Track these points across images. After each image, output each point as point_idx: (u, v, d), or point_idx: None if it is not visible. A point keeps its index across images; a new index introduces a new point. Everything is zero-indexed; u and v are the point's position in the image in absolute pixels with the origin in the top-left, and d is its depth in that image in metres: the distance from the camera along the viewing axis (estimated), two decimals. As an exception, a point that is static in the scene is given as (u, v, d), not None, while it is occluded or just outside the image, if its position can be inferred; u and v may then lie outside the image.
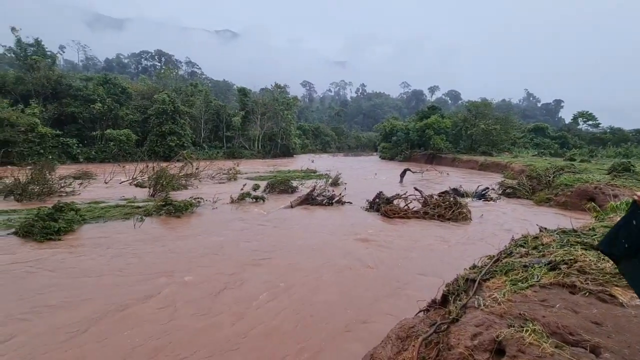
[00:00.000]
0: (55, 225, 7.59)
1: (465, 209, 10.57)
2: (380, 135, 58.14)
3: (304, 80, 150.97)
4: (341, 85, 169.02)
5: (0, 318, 4.37)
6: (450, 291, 3.05)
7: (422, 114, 49.03)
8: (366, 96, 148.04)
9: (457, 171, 30.82)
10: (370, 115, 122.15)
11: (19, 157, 26.92)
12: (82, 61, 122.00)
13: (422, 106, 75.34)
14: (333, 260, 6.79)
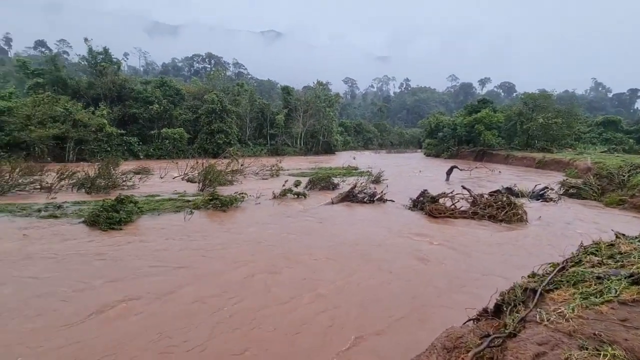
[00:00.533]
0: (117, 216, 8.31)
1: (520, 210, 9.71)
2: (425, 131, 55.83)
3: (346, 77, 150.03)
4: (384, 80, 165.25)
5: (139, 293, 4.96)
6: (506, 301, 2.76)
7: (472, 108, 46.13)
8: (410, 91, 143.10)
9: (510, 169, 28.60)
10: (415, 110, 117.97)
11: (90, 154, 30.06)
12: (143, 66, 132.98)
13: (471, 100, 70.88)
14: (386, 257, 6.61)
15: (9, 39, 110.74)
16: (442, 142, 46.51)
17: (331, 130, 54.31)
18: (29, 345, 3.79)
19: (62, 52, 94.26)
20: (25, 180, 13.16)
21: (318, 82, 55.23)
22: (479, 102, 47.66)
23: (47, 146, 28.79)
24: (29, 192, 12.80)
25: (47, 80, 35.78)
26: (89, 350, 3.75)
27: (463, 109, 51.77)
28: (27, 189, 12.90)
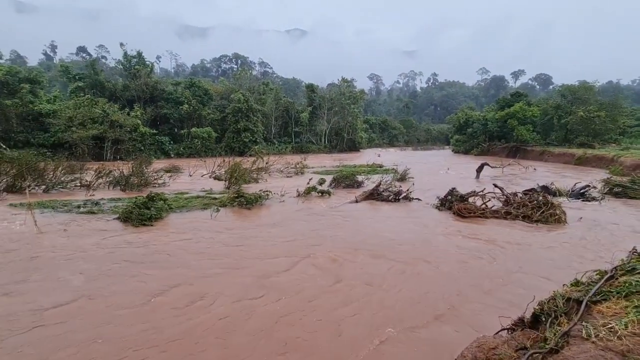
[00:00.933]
0: (148, 213, 8.65)
1: (558, 210, 9.09)
2: (454, 127, 53.96)
3: (371, 73, 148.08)
4: (410, 75, 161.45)
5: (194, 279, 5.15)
6: (545, 311, 2.53)
7: (504, 102, 43.96)
8: (438, 86, 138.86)
9: (546, 166, 27.00)
10: (442, 106, 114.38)
11: (126, 153, 31.67)
12: (174, 68, 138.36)
13: (504, 94, 67.53)
14: (416, 255, 6.42)
15: (54, 46, 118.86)
16: (471, 138, 44.76)
17: (355, 127, 53.85)
18: (108, 326, 4.10)
19: (101, 56, 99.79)
20: (67, 178, 14.04)
21: (342, 79, 54.85)
22: (512, 95, 45.33)
23: (87, 146, 30.61)
24: (70, 189, 13.65)
25: (87, 84, 38.05)
26: (159, 332, 4.02)
27: (494, 103, 49.48)
28: (68, 186, 13.77)
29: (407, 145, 72.13)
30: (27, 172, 12.47)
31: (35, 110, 31.07)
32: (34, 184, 12.86)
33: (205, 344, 3.82)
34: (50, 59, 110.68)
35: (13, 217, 8.94)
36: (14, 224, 8.35)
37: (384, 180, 12.98)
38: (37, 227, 7.90)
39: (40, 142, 30.47)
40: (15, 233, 7.66)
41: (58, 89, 48.88)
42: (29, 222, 8.03)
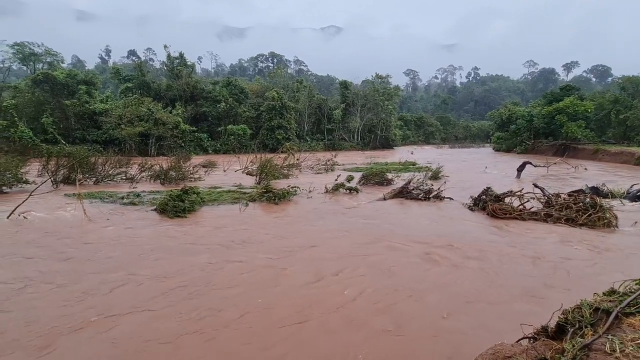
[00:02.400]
0: (182, 205, 9.13)
1: (608, 214, 8.28)
2: (495, 123, 51.02)
3: (408, 69, 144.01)
4: (449, 70, 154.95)
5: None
6: (570, 321, 2.33)
7: (552, 97, 40.69)
8: (479, 80, 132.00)
9: (599, 166, 24.69)
10: (484, 101, 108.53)
11: (168, 149, 33.62)
12: (214, 68, 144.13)
13: (553, 87, 62.55)
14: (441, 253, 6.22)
15: (108, 51, 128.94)
16: (514, 135, 42.03)
17: (389, 124, 52.81)
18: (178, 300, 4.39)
19: (148, 59, 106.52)
20: (115, 172, 15.21)
21: (377, 75, 53.92)
22: (561, 89, 41.83)
23: (134, 142, 32.89)
24: (117, 182, 14.78)
25: (135, 85, 40.83)
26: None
27: (542, 97, 45.99)
28: (115, 179, 14.91)
29: (444, 142, 69.44)
30: (79, 165, 13.65)
31: (90, 110, 33.93)
32: (86, 176, 14.07)
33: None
34: (105, 62, 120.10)
35: (66, 205, 9.86)
36: (67, 212, 9.21)
37: (414, 178, 12.61)
38: (86, 216, 8.65)
39: (94, 139, 33.27)
40: (68, 220, 8.45)
41: (111, 89, 53.04)
42: (80, 211, 8.83)
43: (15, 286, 4.88)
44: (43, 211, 9.10)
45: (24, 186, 12.11)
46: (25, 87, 34.06)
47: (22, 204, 8.67)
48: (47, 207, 9.62)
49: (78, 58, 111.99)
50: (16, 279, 5.12)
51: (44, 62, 42.63)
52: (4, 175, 11.71)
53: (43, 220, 8.39)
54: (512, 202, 9.42)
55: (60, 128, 32.59)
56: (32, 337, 3.70)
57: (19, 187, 12.08)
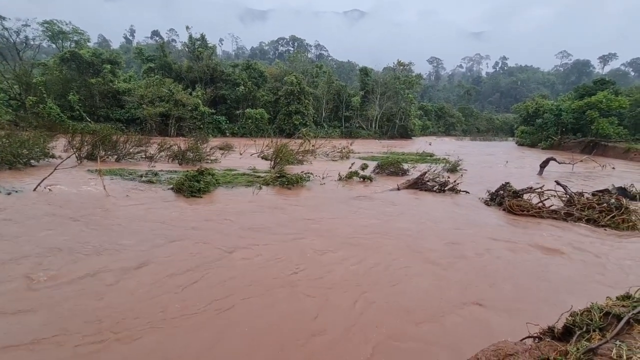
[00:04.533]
0: (197, 185, 9.32)
1: (634, 216, 7.89)
2: (520, 117, 49.04)
3: (432, 57, 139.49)
4: (475, 59, 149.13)
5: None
6: (577, 323, 2.26)
7: (585, 90, 38.55)
8: (507, 71, 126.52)
9: (630, 166, 23.43)
10: (510, 93, 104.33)
11: (187, 130, 34.20)
12: (234, 51, 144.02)
13: (586, 80, 59.18)
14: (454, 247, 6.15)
15: (133, 31, 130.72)
16: (540, 130, 40.33)
17: (409, 113, 51.67)
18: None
19: (171, 40, 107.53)
20: (135, 150, 15.63)
21: (398, 62, 52.50)
22: (595, 82, 39.52)
23: (155, 122, 33.62)
24: (137, 160, 15.21)
25: (157, 65, 41.38)
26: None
27: (573, 91, 43.66)
28: (135, 157, 15.34)
29: (464, 134, 67.57)
30: (102, 143, 14.10)
31: (114, 89, 34.75)
32: (108, 153, 14.54)
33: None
34: (130, 42, 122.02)
35: (89, 180, 10.26)
36: (89, 187, 9.58)
37: (431, 169, 12.36)
38: (106, 191, 8.98)
39: (117, 117, 34.20)
40: (89, 194, 8.80)
41: (134, 69, 54.02)
42: (101, 186, 9.17)
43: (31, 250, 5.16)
44: (67, 185, 9.50)
45: (50, 160, 12.66)
46: (54, 64, 35.15)
47: (47, 177, 9.08)
48: (71, 181, 10.03)
49: (104, 37, 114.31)
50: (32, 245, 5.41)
51: (71, 41, 43.67)
52: (33, 149, 12.25)
53: (66, 193, 8.77)
54: (531, 199, 9.11)
55: (86, 105, 33.64)
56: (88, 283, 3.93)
57: (46, 161, 12.63)
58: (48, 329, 3.44)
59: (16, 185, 9.12)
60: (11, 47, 34.33)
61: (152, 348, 3.29)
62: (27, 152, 11.97)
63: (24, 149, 11.93)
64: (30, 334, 3.35)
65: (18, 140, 12.14)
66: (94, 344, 3.28)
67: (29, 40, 35.88)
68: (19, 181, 9.64)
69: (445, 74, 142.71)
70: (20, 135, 13.35)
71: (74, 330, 3.45)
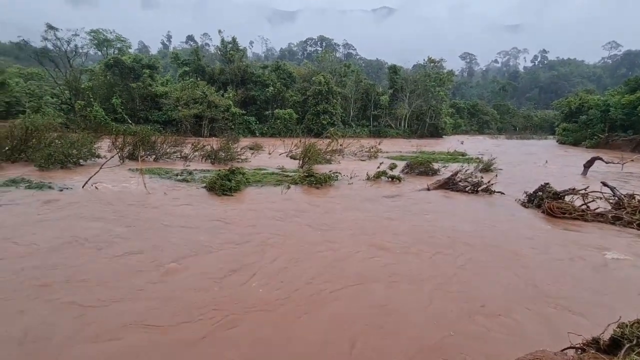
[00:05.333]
0: (228, 184, 9.65)
1: (695, 222, 7.17)
2: (562, 113, 46.04)
3: (464, 52, 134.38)
4: (512, 54, 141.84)
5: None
6: (627, 336, 2.12)
7: (636, 83, 35.46)
8: (547, 65, 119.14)
9: (692, 166, 21.23)
10: (550, 88, 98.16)
11: (219, 131, 35.43)
12: (264, 52, 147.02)
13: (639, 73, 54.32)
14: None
15: (169, 36, 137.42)
16: (584, 127, 37.63)
17: (440, 111, 50.18)
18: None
19: (204, 44, 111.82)
20: (171, 150, 16.45)
21: (429, 58, 51.07)
22: (650, 75, 36.22)
23: (190, 123, 35.13)
24: (173, 159, 15.99)
25: (192, 69, 43.18)
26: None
27: (623, 84, 40.29)
28: (171, 157, 16.14)
29: (499, 133, 64.52)
30: (142, 143, 14.97)
31: (152, 92, 36.73)
32: (147, 153, 15.41)
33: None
34: (167, 47, 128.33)
35: (130, 179, 10.94)
36: (130, 185, 10.22)
37: (463, 169, 11.95)
38: (146, 189, 9.54)
39: (155, 119, 36.12)
40: (131, 192, 9.39)
41: (170, 73, 56.74)
42: (142, 184, 9.75)
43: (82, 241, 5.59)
44: (111, 183, 10.20)
45: (96, 160, 13.64)
46: (99, 70, 37.76)
47: (94, 175, 9.79)
48: (115, 179, 10.75)
49: (143, 44, 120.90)
50: (77, 237, 5.86)
51: (114, 48, 46.66)
52: (81, 150, 13.26)
53: (110, 191, 9.41)
54: (573, 201, 8.55)
55: (127, 108, 35.81)
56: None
57: (92, 161, 13.63)
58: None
59: (67, 182, 9.93)
60: (63, 56, 37.24)
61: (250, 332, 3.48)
62: (76, 152, 12.97)
63: (74, 149, 12.93)
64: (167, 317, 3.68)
65: (68, 142, 13.21)
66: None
67: (78, 48, 38.74)
68: (70, 179, 10.48)
69: (478, 70, 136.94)
70: (70, 136, 14.51)
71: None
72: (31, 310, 3.67)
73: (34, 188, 8.98)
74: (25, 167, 12.09)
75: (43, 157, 11.77)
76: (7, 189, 8.75)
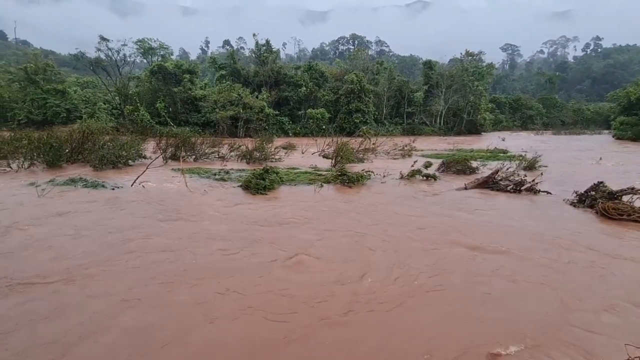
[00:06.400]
0: (263, 183, 9.94)
1: None
2: (619, 105, 41.99)
3: (506, 44, 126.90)
4: (560, 42, 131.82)
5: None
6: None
7: None
8: (601, 53, 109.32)
9: None
10: (605, 79, 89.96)
11: (254, 132, 36.48)
12: (297, 53, 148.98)
13: None
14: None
15: (207, 42, 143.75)
16: (646, 120, 34.03)
17: (478, 107, 47.86)
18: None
19: (240, 47, 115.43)
20: (209, 151, 17.24)
21: (467, 52, 48.86)
22: None
23: (226, 125, 36.51)
24: (211, 159, 16.74)
25: (228, 72, 44.82)
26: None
27: (695, 72, 35.84)
28: (209, 157, 16.91)
29: (546, 128, 60.21)
30: (183, 145, 15.84)
31: (192, 96, 38.66)
32: (188, 154, 16.27)
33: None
34: (205, 52, 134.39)
35: (173, 178, 11.63)
36: (173, 184, 10.86)
37: (504, 167, 11.33)
38: (188, 188, 10.09)
39: (194, 121, 37.99)
40: (174, 190, 9.98)
41: (209, 77, 59.35)
42: (183, 183, 10.34)
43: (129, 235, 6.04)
44: (156, 182, 10.90)
45: (143, 160, 14.64)
46: (145, 77, 40.42)
47: (141, 175, 10.53)
48: (159, 178, 11.48)
49: (184, 50, 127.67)
50: (126, 228, 6.32)
51: (158, 55, 49.66)
52: (130, 151, 14.30)
53: (155, 189, 10.07)
54: (632, 202, 7.80)
55: (170, 112, 38.03)
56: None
57: (139, 161, 14.64)
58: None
59: (118, 182, 10.76)
60: (113, 64, 40.37)
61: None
62: (125, 153, 14.01)
63: (124, 151, 13.98)
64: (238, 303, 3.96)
65: (119, 144, 14.31)
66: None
67: (126, 57, 41.76)
68: (120, 178, 11.35)
69: (522, 62, 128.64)
70: (120, 139, 15.71)
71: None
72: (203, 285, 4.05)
73: (90, 187, 9.84)
74: (82, 167, 13.27)
75: (97, 159, 12.85)
76: (68, 187, 9.67)
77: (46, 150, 12.77)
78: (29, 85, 37.54)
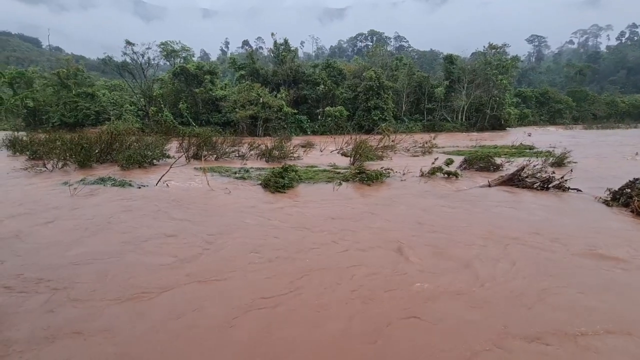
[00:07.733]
0: (282, 181, 10.04)
1: None
2: (658, 97, 39.32)
3: (532, 35, 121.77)
4: (591, 32, 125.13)
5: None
6: None
7: None
8: (638, 41, 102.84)
9: None
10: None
11: (273, 130, 36.92)
12: (315, 51, 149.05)
13: None
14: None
15: (227, 43, 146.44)
16: (689, 112, 31.68)
17: (503, 101, 46.25)
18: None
19: (258, 47, 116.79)
20: (230, 150, 17.58)
21: (490, 45, 47.26)
22: None
23: (246, 124, 37.15)
24: (231, 158, 17.07)
25: (247, 72, 45.50)
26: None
27: None
28: (230, 156, 17.25)
29: (576, 122, 57.41)
30: (204, 144, 16.24)
31: (213, 96, 39.54)
32: (209, 153, 16.67)
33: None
34: (225, 53, 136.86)
35: (195, 177, 11.96)
36: (196, 182, 11.17)
37: (530, 163, 10.91)
38: (209, 186, 10.35)
39: (215, 121, 38.85)
40: (196, 189, 10.27)
41: (229, 77, 60.47)
42: (205, 182, 10.61)
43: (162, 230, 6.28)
44: (179, 181, 11.25)
45: (167, 160, 15.12)
46: (168, 79, 41.70)
47: (165, 174, 10.89)
48: (182, 177, 11.83)
49: (204, 51, 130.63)
50: (155, 227, 6.56)
51: (180, 57, 51.05)
52: (154, 151, 14.82)
53: (178, 187, 10.39)
54: (672, 199, 7.31)
55: (192, 112, 39.08)
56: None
57: (163, 161, 15.14)
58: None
59: (144, 180, 11.18)
60: (138, 67, 41.87)
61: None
62: (150, 153, 14.52)
63: (149, 151, 14.50)
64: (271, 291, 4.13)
65: (144, 144, 14.86)
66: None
67: (150, 60, 43.20)
68: (146, 177, 11.78)
69: (549, 54, 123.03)
70: (146, 139, 16.30)
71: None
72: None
73: (118, 185, 10.27)
74: (111, 167, 13.87)
75: (124, 158, 13.39)
76: (98, 186, 10.15)
77: (77, 151, 13.44)
78: (62, 89, 39.64)
